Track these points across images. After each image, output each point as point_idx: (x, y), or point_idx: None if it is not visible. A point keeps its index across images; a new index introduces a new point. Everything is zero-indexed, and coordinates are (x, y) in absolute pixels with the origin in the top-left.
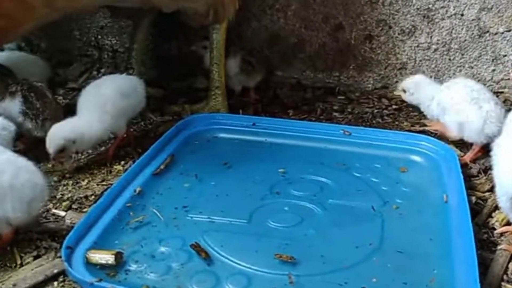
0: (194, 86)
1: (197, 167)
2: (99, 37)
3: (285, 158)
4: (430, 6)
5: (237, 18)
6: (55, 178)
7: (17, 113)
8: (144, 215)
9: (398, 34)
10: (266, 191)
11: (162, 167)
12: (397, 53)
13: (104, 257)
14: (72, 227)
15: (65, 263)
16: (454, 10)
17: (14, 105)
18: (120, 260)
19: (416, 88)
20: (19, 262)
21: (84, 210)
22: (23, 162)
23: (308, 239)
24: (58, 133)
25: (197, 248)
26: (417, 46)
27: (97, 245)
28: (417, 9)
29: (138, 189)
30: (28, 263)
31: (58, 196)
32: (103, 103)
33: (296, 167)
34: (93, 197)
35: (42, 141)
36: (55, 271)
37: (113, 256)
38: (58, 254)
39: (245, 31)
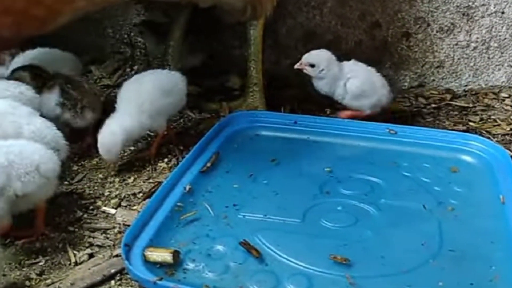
0: (226, 85)
1: (244, 165)
2: (132, 34)
3: (330, 156)
4: (470, 3)
5: (273, 15)
6: (101, 175)
7: (54, 105)
8: (196, 212)
9: (437, 31)
10: (316, 190)
11: (208, 164)
12: (435, 51)
13: (163, 255)
14: (124, 224)
15: (125, 261)
16: (494, 8)
17: (51, 98)
18: (177, 259)
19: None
20: (73, 260)
21: (134, 208)
22: None
23: (364, 240)
24: (112, 140)
25: (247, 246)
26: (456, 44)
27: (152, 243)
28: (457, 6)
29: (188, 187)
30: (83, 261)
31: (106, 194)
32: (142, 100)
33: (343, 166)
34: (141, 194)
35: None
36: (112, 270)
37: (171, 254)
38: (114, 253)
39: (280, 28)
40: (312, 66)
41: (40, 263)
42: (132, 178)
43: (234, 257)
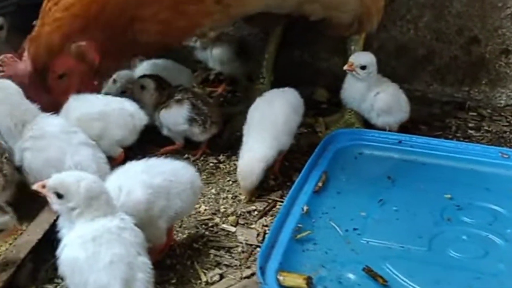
0: (313, 98)
1: (355, 186)
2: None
3: (445, 180)
4: None
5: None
6: (213, 191)
7: (182, 120)
8: (317, 235)
9: None
10: (436, 216)
11: (320, 184)
12: None
13: (297, 281)
14: (246, 244)
15: (265, 286)
16: None
17: (179, 112)
18: (310, 285)
19: None
20: (204, 279)
21: (252, 226)
22: None
23: (499, 274)
24: (255, 168)
25: (371, 272)
26: None
27: (283, 267)
28: None
29: (305, 208)
30: (215, 281)
31: (222, 210)
32: (278, 123)
33: (461, 192)
34: (256, 212)
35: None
36: None
37: (305, 280)
38: (243, 274)
39: (372, 42)
40: (363, 68)
41: (172, 281)
42: (243, 195)
43: (366, 286)
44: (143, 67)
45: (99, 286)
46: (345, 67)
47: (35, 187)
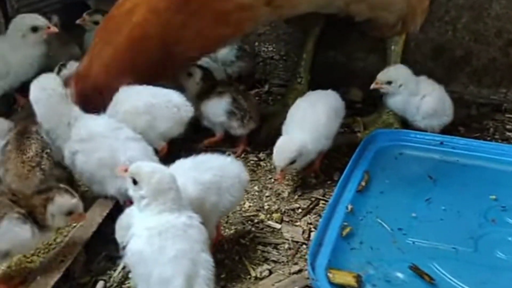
0: (347, 98)
1: (396, 186)
2: (256, 43)
3: (489, 182)
4: None
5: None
6: (256, 188)
7: (222, 111)
8: (363, 234)
9: None
10: (480, 217)
11: (363, 184)
12: None
13: (347, 278)
14: (293, 241)
15: (317, 282)
16: None
17: (219, 104)
18: (360, 283)
19: None
20: (253, 274)
21: (297, 224)
22: None
23: None
24: (289, 146)
25: (418, 270)
26: None
27: (331, 264)
28: None
29: (349, 207)
30: (264, 276)
31: (266, 207)
32: (319, 123)
33: (506, 193)
34: (300, 210)
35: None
36: (296, 287)
37: (355, 278)
38: (292, 270)
39: (408, 43)
40: (389, 83)
41: (222, 275)
42: (286, 192)
43: (414, 285)
44: None
45: (163, 279)
46: (372, 86)
47: (119, 169)
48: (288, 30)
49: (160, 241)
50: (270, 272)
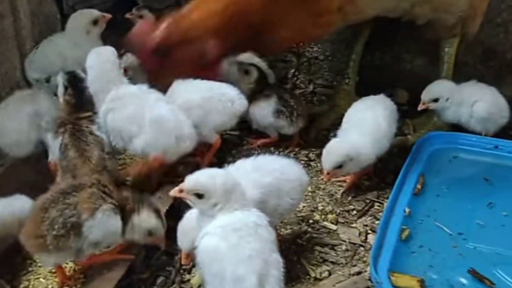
0: (393, 100)
1: (452, 189)
2: (301, 44)
3: None
4: None
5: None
6: (309, 188)
7: (270, 113)
8: (422, 238)
9: None
10: None
11: (419, 187)
12: None
13: (410, 282)
14: (350, 242)
15: (381, 285)
16: None
17: (268, 106)
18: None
19: None
20: (313, 275)
21: (353, 225)
22: None
23: None
24: (338, 150)
25: (477, 275)
26: None
27: (393, 267)
28: None
29: (407, 210)
30: (324, 277)
31: (320, 207)
32: (379, 128)
33: None
34: (355, 212)
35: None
36: None
37: (418, 283)
38: (351, 271)
39: (459, 45)
40: (436, 100)
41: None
42: (339, 193)
43: None
44: None
45: (236, 278)
46: (420, 107)
47: (172, 193)
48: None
49: (235, 238)
50: (330, 273)
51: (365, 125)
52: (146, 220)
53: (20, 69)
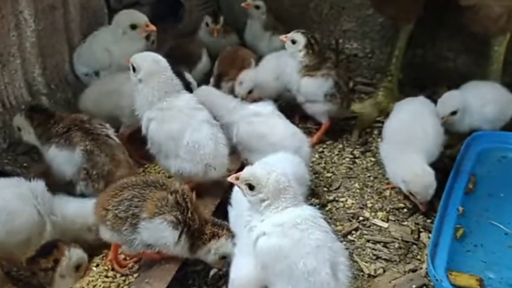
0: (433, 98)
1: (504, 189)
2: (341, 40)
3: None
4: None
5: None
6: (356, 185)
7: (321, 94)
8: (476, 237)
9: None
10: None
11: (470, 186)
12: None
13: (469, 281)
14: (403, 240)
15: (441, 283)
16: None
17: (322, 85)
18: (482, 287)
19: None
20: (366, 271)
21: (404, 223)
22: None
23: None
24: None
25: None
26: None
27: (449, 266)
28: None
29: (460, 209)
30: (379, 274)
31: (369, 205)
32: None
33: None
34: (405, 210)
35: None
36: (413, 286)
37: (477, 282)
38: (406, 268)
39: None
40: (454, 113)
41: None
42: (387, 191)
43: None
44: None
45: (308, 270)
46: (441, 123)
47: (229, 179)
48: (375, 27)
49: (298, 233)
50: (384, 270)
51: (413, 139)
52: (225, 246)
53: (69, 62)
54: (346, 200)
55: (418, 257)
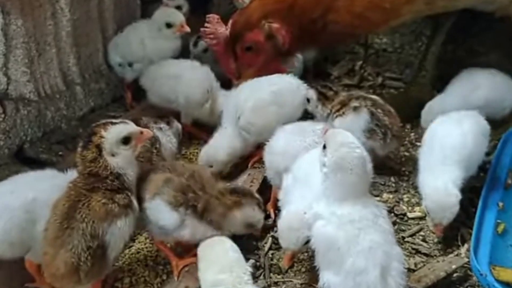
0: None
1: None
2: (370, 35)
3: None
4: None
5: None
6: (392, 179)
7: (360, 130)
8: None
9: None
10: None
11: (509, 181)
12: None
13: None
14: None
15: (486, 278)
16: None
17: (358, 121)
18: None
19: None
20: (406, 265)
21: None
22: None
23: None
24: None
25: None
26: None
27: (492, 261)
28: None
29: (500, 204)
30: (419, 268)
31: (405, 199)
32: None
33: None
34: None
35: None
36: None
37: None
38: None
39: None
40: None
41: None
42: None
43: None
44: None
45: (356, 270)
46: None
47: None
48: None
49: (353, 229)
50: (424, 265)
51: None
52: (248, 214)
53: (103, 52)
54: (383, 195)
55: (456, 252)
